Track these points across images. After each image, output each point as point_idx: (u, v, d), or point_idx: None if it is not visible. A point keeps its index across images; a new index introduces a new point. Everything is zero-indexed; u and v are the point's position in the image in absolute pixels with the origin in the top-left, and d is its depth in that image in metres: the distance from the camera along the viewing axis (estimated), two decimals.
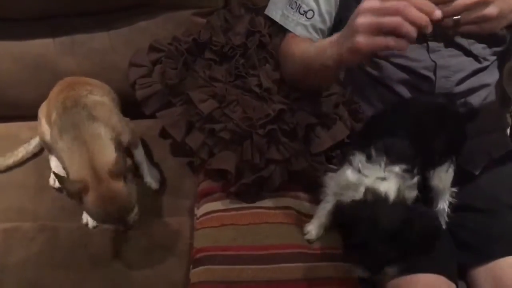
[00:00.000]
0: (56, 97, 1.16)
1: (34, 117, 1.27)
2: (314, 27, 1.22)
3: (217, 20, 1.35)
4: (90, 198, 0.97)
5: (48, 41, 1.37)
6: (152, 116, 1.26)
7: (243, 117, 1.16)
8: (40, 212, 1.21)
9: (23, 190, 1.25)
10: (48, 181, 1.26)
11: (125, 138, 1.15)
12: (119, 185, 0.98)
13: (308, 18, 1.21)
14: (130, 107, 1.30)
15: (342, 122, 1.20)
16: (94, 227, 1.16)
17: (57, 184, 1.24)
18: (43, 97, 1.26)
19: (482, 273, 1.09)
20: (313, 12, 1.21)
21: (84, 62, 1.38)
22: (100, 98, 1.18)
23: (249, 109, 1.17)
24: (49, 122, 1.15)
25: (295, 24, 1.23)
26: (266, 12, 1.31)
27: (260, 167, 1.12)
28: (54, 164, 1.23)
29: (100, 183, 0.97)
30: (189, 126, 1.20)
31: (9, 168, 1.31)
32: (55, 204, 1.22)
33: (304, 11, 1.21)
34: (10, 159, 1.31)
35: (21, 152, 1.32)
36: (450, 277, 1.06)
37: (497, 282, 1.06)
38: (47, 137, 1.17)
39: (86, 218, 1.17)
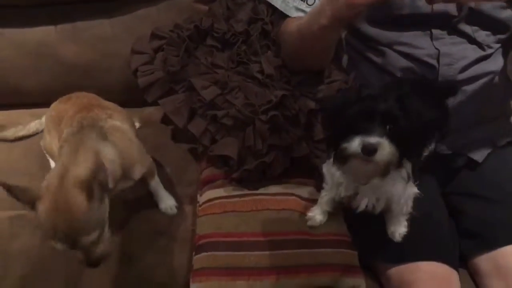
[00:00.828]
0: (72, 116, 1.08)
1: (35, 104, 1.28)
2: None
3: (219, 8, 1.35)
4: (42, 206, 0.86)
5: (49, 28, 1.37)
6: (155, 103, 1.26)
7: (245, 104, 1.15)
8: None
9: (28, 178, 1.24)
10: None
11: (140, 170, 1.08)
12: (79, 198, 0.85)
13: (309, 5, 1.21)
14: (132, 94, 1.30)
15: None
16: None
17: None
18: (44, 84, 1.26)
19: (485, 261, 1.10)
20: None
21: (85, 49, 1.38)
22: (120, 124, 1.11)
23: (251, 95, 1.17)
24: (59, 138, 1.09)
25: (296, 10, 1.22)
26: None
27: (262, 153, 1.12)
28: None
29: (59, 191, 0.85)
30: (191, 113, 1.20)
31: (17, 139, 1.33)
32: None
33: None
34: (21, 132, 1.32)
35: (32, 128, 1.34)
36: (452, 265, 1.07)
37: (500, 270, 1.06)
38: (54, 150, 1.12)
39: None
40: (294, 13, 1.23)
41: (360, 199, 0.99)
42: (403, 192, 0.99)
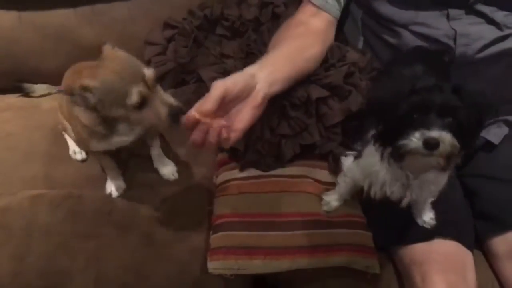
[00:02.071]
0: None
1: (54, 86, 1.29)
2: None
3: None
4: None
5: (69, 11, 1.38)
6: None
7: None
8: (66, 181, 1.24)
9: (48, 159, 1.28)
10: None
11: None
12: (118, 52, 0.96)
13: None
14: None
15: (359, 92, 1.18)
16: (118, 196, 1.19)
17: (77, 157, 1.27)
18: (63, 67, 1.26)
19: (499, 243, 1.10)
20: None
21: (104, 32, 1.39)
22: None
23: None
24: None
25: None
26: None
27: (272, 142, 1.13)
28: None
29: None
30: None
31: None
32: (80, 173, 1.25)
33: None
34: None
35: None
36: (467, 246, 1.07)
37: None
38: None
39: (110, 188, 1.20)
40: None
41: (407, 194, 0.97)
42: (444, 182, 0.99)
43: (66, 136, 1.31)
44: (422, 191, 0.98)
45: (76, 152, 1.28)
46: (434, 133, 0.79)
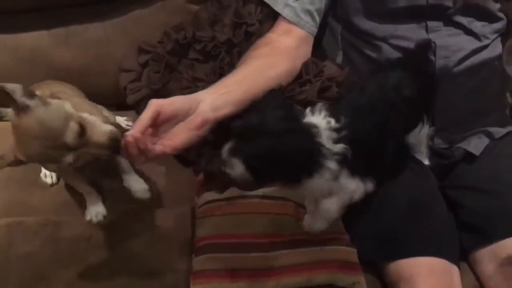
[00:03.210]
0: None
1: None
2: (303, 9, 1.19)
3: (205, 13, 1.34)
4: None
5: (42, 33, 1.36)
6: None
7: None
8: (43, 207, 1.21)
9: (24, 185, 1.24)
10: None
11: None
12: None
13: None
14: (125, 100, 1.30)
15: None
16: (98, 222, 1.17)
17: (48, 180, 1.24)
18: None
19: (485, 254, 1.10)
20: None
21: (79, 54, 1.37)
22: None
23: None
24: None
25: (283, 5, 1.20)
26: None
27: None
28: None
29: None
30: None
31: None
32: (58, 199, 1.22)
33: None
34: None
35: None
36: (452, 260, 1.07)
37: (502, 263, 1.06)
38: None
39: (90, 214, 1.17)
40: (281, 9, 1.21)
41: None
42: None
43: None
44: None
45: (46, 175, 1.25)
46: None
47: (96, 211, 1.16)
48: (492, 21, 1.19)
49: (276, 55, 1.15)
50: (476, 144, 1.19)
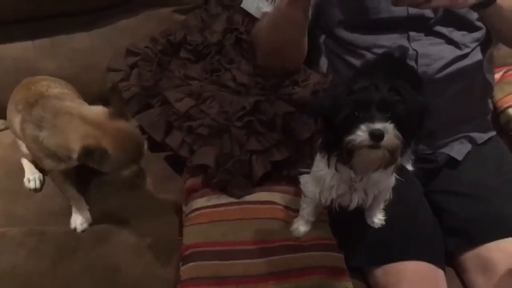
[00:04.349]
0: (14, 100, 1.18)
1: None
2: None
3: (194, 20, 1.36)
4: (109, 146, 0.96)
5: (27, 44, 1.36)
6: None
7: (219, 112, 1.16)
8: (27, 217, 1.20)
9: (8, 195, 1.24)
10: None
11: None
12: (125, 124, 1.00)
13: None
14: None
15: None
16: (83, 231, 1.16)
17: (31, 185, 1.24)
18: None
19: (470, 258, 1.11)
20: None
21: (65, 64, 1.37)
22: (61, 90, 1.19)
23: (225, 104, 1.18)
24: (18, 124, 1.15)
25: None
26: (242, 5, 1.32)
27: (242, 160, 1.13)
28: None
29: (108, 129, 0.97)
30: (168, 126, 1.21)
31: None
32: (42, 208, 1.21)
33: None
34: None
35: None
36: (438, 264, 1.08)
37: (485, 267, 1.07)
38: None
39: (75, 223, 1.16)
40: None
41: (353, 197, 0.99)
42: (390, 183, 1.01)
43: (24, 162, 1.27)
44: (368, 194, 1.00)
45: (30, 180, 1.25)
46: (378, 125, 0.81)
47: (82, 219, 1.16)
48: (472, 30, 1.22)
49: None
50: (458, 149, 1.21)
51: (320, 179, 1.00)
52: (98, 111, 1.01)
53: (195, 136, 1.16)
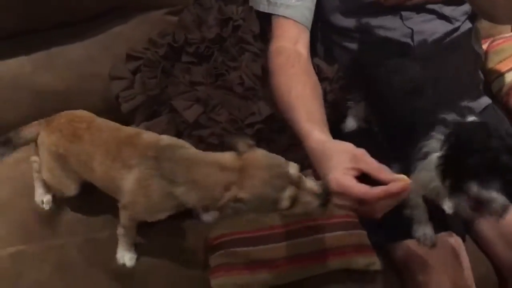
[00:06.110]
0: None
1: None
2: (306, 7, 1.22)
3: (189, 16, 1.34)
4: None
5: (22, 59, 1.33)
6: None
7: (229, 119, 1.17)
8: (43, 232, 1.17)
9: (20, 212, 1.20)
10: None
11: None
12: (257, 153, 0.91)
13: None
14: (115, 113, 1.27)
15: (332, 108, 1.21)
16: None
17: (46, 206, 1.20)
18: (23, 117, 1.21)
19: (487, 225, 1.15)
20: None
21: (63, 75, 1.35)
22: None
23: (234, 110, 1.18)
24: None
25: (285, 7, 1.20)
26: (251, 5, 1.30)
27: None
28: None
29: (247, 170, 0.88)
30: (178, 134, 1.19)
31: None
32: (55, 221, 1.19)
33: None
34: None
35: None
36: (457, 232, 1.11)
37: (503, 231, 1.11)
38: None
39: (123, 259, 1.10)
40: (283, 11, 1.20)
41: None
42: None
43: (36, 183, 1.22)
44: None
45: (44, 202, 1.20)
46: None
47: (130, 255, 1.11)
48: (460, 3, 1.26)
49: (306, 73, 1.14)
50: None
51: (428, 187, 0.99)
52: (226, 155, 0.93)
53: (206, 145, 1.15)
